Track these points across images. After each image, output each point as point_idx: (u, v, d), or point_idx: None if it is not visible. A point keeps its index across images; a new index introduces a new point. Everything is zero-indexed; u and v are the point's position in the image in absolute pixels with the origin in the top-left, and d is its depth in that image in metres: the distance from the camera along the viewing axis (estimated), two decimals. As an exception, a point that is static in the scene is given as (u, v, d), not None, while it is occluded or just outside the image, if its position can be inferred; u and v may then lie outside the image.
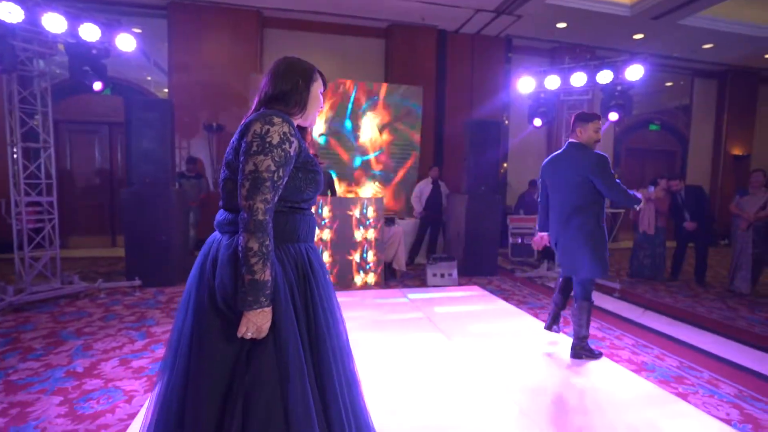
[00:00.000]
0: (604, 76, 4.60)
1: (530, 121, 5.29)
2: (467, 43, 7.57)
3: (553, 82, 4.90)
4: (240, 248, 1.04)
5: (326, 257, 4.72)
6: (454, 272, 4.88)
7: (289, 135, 1.10)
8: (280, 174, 1.09)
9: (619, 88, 4.64)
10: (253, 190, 1.04)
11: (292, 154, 1.12)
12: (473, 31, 7.46)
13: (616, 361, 2.85)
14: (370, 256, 4.87)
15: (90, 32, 4.08)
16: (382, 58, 7.47)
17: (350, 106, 6.42)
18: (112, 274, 4.92)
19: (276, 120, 1.09)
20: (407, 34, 7.20)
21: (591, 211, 2.68)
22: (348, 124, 6.45)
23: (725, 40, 7.58)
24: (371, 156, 6.60)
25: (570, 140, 2.80)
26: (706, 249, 5.27)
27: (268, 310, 1.05)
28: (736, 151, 9.44)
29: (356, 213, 4.80)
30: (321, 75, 1.32)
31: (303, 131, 1.33)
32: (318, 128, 6.34)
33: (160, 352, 2.85)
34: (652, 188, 5.37)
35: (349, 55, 7.28)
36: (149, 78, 7.21)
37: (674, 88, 9.35)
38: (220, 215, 1.22)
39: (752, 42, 7.63)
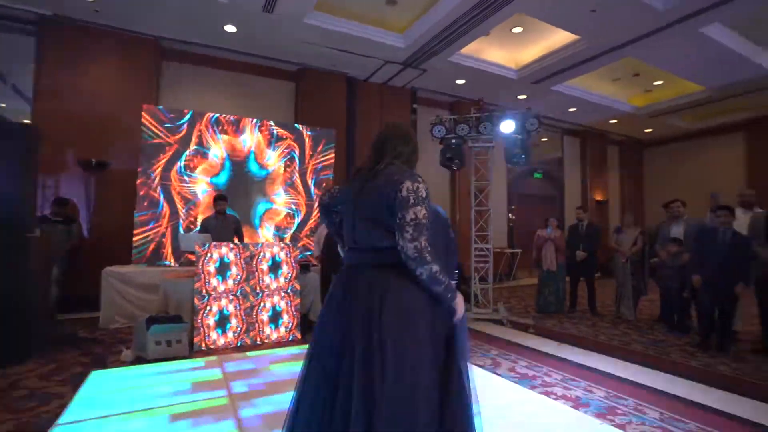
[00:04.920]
0: (507, 126, 5.06)
1: (444, 165, 5.52)
2: (376, 91, 7.86)
3: (462, 130, 5.23)
4: (427, 274, 1.37)
5: (232, 308, 4.12)
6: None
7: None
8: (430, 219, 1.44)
9: (520, 138, 5.13)
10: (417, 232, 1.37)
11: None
12: (381, 81, 7.81)
13: (555, 399, 2.85)
14: (284, 307, 4.39)
15: None
16: (292, 99, 7.33)
17: (255, 146, 6.03)
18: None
19: (420, 179, 1.44)
20: (318, 78, 7.21)
21: None
22: (253, 166, 6.02)
23: (583, 106, 9.13)
24: (279, 198, 6.21)
25: None
26: (594, 281, 5.90)
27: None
28: (598, 197, 11.19)
29: (267, 259, 4.34)
30: None
31: None
32: (221, 169, 5.79)
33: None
34: (549, 230, 5.93)
35: (258, 94, 6.99)
36: (3, 105, 5.99)
37: (549, 142, 10.87)
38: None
39: (601, 109, 9.33)
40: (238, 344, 4.11)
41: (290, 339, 4.36)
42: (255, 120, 5.99)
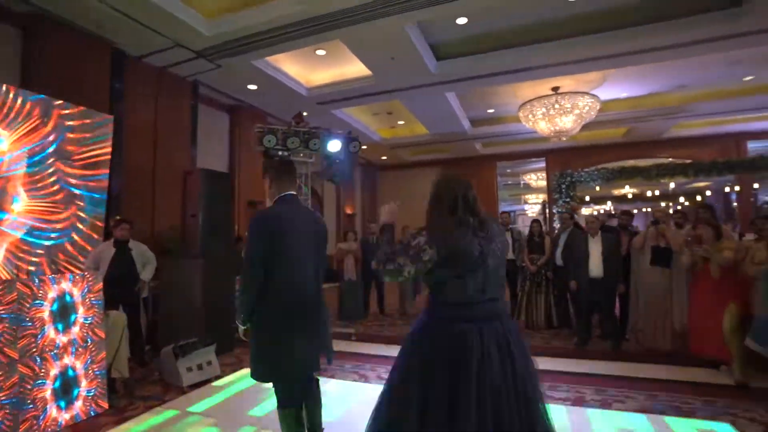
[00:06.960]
0: (334, 145, 5.30)
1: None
2: (152, 74, 6.33)
3: (292, 143, 5.09)
4: None
5: (-18, 395, 2.50)
6: (214, 358, 3.83)
7: None
8: None
9: (341, 158, 5.45)
10: None
11: None
12: (160, 64, 6.35)
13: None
14: (81, 370, 3.01)
15: None
16: (17, 54, 4.93)
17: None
18: None
19: None
20: (64, 37, 5.15)
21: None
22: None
23: (358, 133, 10.39)
24: (17, 206, 4.04)
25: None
26: (384, 286, 6.92)
27: None
28: (348, 211, 12.91)
29: (50, 301, 2.87)
30: None
31: None
32: None
33: None
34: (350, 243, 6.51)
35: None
36: None
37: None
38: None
39: (360, 135, 10.74)
40: (3, 448, 2.51)
41: (92, 414, 3.01)
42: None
